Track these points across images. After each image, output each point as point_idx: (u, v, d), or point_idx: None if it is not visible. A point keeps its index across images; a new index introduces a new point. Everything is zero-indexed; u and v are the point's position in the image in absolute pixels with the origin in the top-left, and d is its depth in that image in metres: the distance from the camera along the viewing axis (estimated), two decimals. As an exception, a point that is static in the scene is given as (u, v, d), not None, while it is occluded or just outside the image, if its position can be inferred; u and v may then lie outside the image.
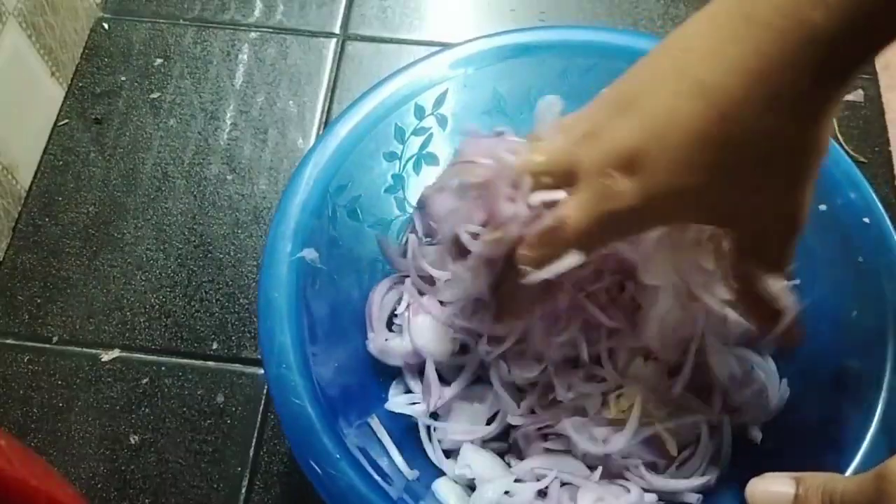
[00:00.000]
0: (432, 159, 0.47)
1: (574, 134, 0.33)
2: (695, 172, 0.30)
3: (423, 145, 0.47)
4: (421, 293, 0.44)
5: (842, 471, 0.35)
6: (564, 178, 0.33)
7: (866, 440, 0.36)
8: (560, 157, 0.34)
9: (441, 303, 0.43)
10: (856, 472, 0.35)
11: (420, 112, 0.45)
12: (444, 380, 0.43)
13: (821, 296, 0.43)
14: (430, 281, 0.44)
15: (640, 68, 0.33)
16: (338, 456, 0.35)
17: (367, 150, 0.44)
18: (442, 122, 0.46)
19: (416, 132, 0.46)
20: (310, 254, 0.40)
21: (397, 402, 0.42)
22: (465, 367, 0.43)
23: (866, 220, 0.41)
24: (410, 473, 0.39)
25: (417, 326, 0.42)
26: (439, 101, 0.46)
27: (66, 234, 0.55)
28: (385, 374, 0.44)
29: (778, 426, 0.41)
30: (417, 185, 0.48)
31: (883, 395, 0.37)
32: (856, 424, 0.37)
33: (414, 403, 0.42)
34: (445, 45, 0.47)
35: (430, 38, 0.63)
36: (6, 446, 0.31)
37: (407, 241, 0.46)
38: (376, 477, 0.36)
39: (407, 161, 0.47)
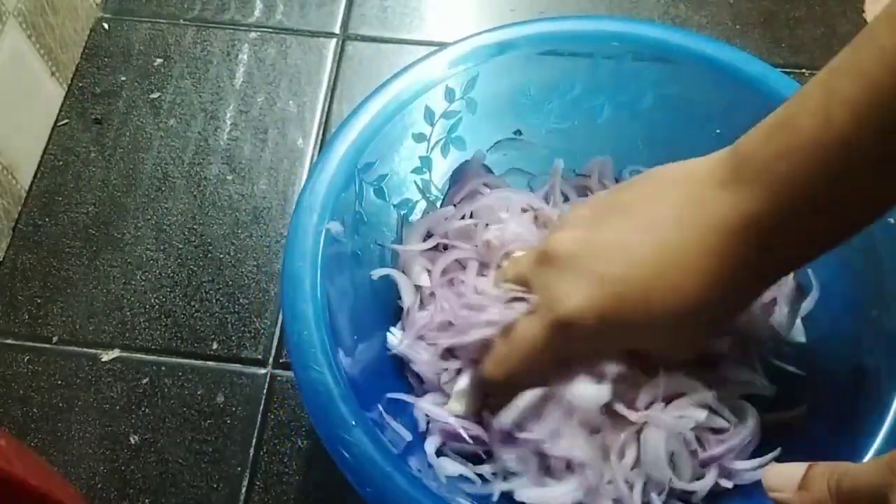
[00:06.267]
0: (460, 143, 0.48)
1: (532, 254, 0.40)
2: (640, 310, 0.36)
3: (452, 128, 0.47)
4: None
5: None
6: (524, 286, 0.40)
7: (880, 436, 0.36)
8: (522, 273, 0.40)
9: None
10: None
11: (451, 95, 0.45)
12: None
13: (841, 294, 0.43)
14: None
15: (585, 227, 0.38)
16: (353, 422, 0.35)
17: (397, 129, 0.44)
18: (472, 106, 0.46)
19: (445, 115, 0.46)
20: (335, 227, 0.40)
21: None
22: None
23: (891, 220, 0.40)
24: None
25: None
26: (470, 85, 0.46)
27: (66, 234, 0.55)
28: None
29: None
30: (444, 168, 0.48)
31: None
32: (872, 421, 0.36)
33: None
34: (446, 46, 0.47)
35: (430, 38, 0.63)
36: (6, 446, 0.31)
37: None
38: (393, 449, 0.36)
39: (435, 143, 0.47)
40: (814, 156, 0.31)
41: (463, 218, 0.47)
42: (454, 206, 0.47)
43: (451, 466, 0.40)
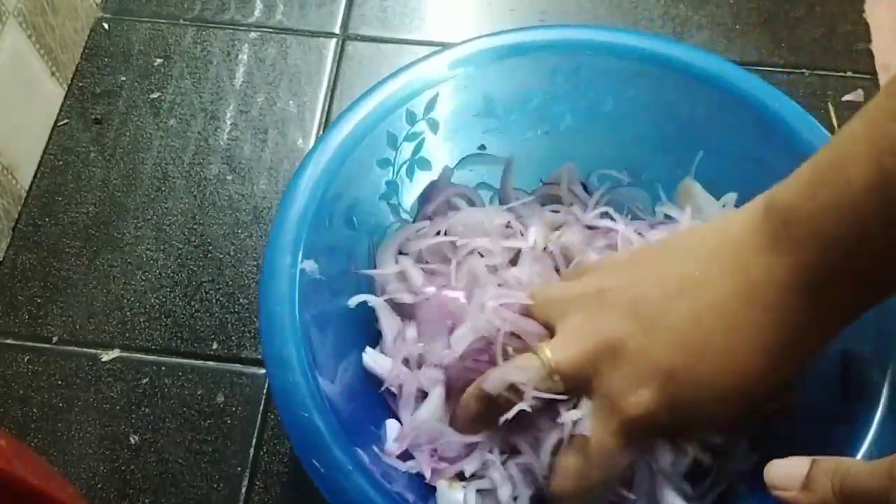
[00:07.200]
0: (425, 164, 0.48)
1: (588, 343, 0.36)
2: (713, 397, 0.35)
3: (416, 150, 0.47)
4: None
5: (850, 455, 0.35)
6: (575, 384, 0.36)
7: (874, 424, 0.36)
8: (577, 368, 0.36)
9: None
10: (865, 456, 0.35)
11: (412, 118, 0.45)
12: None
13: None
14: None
15: (650, 272, 0.36)
16: (350, 468, 0.35)
17: (361, 157, 0.44)
18: (434, 126, 0.46)
19: (408, 138, 0.46)
20: (309, 265, 0.40)
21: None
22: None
23: None
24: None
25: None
26: (430, 106, 0.46)
27: (66, 234, 0.55)
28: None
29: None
30: (411, 191, 0.48)
31: (888, 379, 0.37)
32: (863, 409, 0.37)
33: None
34: (445, 46, 0.47)
35: (430, 38, 0.63)
36: (6, 446, 0.31)
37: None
38: (386, 486, 0.36)
39: (400, 167, 0.47)
40: (866, 207, 0.29)
41: (438, 234, 0.46)
42: (429, 219, 0.47)
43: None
